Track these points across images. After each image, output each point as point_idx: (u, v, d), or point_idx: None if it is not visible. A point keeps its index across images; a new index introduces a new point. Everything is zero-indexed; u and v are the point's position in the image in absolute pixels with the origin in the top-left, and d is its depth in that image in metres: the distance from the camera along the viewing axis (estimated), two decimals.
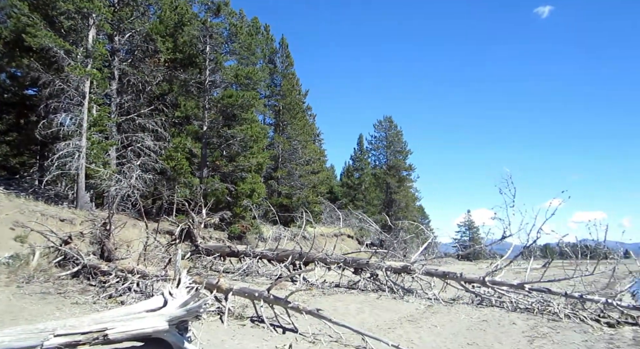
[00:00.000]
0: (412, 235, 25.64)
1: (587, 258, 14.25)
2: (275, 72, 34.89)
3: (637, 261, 14.84)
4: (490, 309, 12.56)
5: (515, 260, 16.31)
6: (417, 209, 53.89)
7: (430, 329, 9.00)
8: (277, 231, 20.84)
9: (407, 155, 48.50)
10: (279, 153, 33.24)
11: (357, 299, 11.86)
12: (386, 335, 7.82)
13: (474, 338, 8.55)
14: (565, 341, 9.17)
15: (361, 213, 25.47)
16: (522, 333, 9.57)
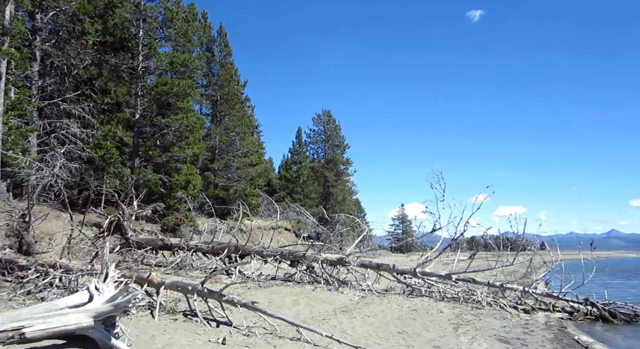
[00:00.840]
0: (349, 228, 26.12)
1: (508, 250, 15.29)
2: (213, 61, 33.96)
3: (550, 252, 16.11)
4: (420, 299, 13.13)
5: (444, 252, 17.12)
6: (354, 203, 54.96)
7: (363, 319, 9.24)
8: (213, 224, 20.39)
9: (345, 150, 49.27)
10: (216, 145, 32.49)
11: (293, 292, 11.93)
12: (320, 326, 7.94)
13: (404, 326, 8.90)
14: (486, 327, 9.78)
15: (299, 206, 25.55)
16: (448, 321, 10.10)
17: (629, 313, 12.66)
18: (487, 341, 8.30)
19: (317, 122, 49.36)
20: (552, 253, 16.04)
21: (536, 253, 16.67)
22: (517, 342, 8.54)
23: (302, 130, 49.72)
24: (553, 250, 15.98)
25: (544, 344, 8.61)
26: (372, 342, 7.25)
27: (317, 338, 6.77)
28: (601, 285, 15.63)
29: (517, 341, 8.66)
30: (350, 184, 50.25)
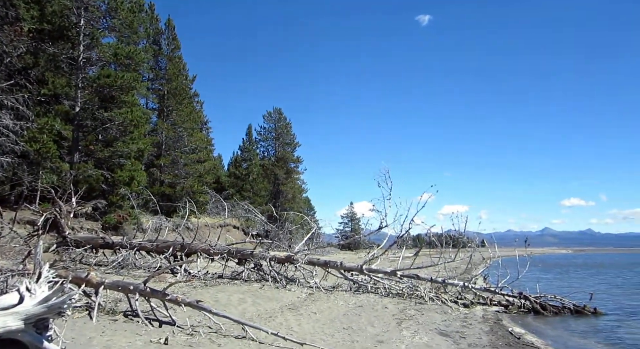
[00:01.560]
0: (298, 225, 26.19)
1: (450, 247, 15.91)
2: (160, 55, 32.92)
3: (489, 249, 16.93)
4: (366, 296, 13.39)
5: (390, 249, 17.55)
6: (304, 201, 55.14)
7: (309, 316, 9.32)
8: (158, 222, 19.79)
9: (296, 148, 49.33)
10: (163, 140, 31.55)
11: (239, 290, 11.82)
12: (267, 324, 7.93)
13: (349, 322, 9.05)
14: (428, 321, 10.14)
15: (248, 203, 25.28)
16: (392, 316, 10.38)
17: (558, 305, 13.53)
18: (428, 334, 8.61)
19: (268, 119, 49.11)
20: (491, 249, 16.85)
21: (476, 250, 17.45)
22: (456, 335, 8.90)
23: (253, 127, 49.30)
24: (492, 247, 16.77)
25: (481, 336, 9.03)
26: (318, 338, 7.33)
27: (263, 336, 6.76)
28: (534, 279, 16.63)
29: (456, 334, 9.04)
30: (300, 182, 50.41)
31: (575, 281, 27.08)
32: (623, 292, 20.42)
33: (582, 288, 20.25)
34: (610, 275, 33.28)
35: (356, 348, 6.95)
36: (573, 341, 9.89)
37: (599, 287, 22.11)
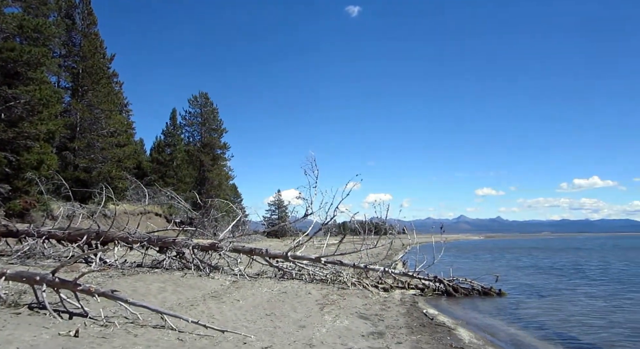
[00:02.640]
0: (224, 213, 25.73)
1: (372, 234, 16.46)
2: (74, 30, 30.48)
3: (408, 236, 17.76)
4: (290, 282, 13.54)
5: (316, 236, 17.81)
6: (230, 188, 54.25)
7: (232, 303, 9.25)
8: (71, 208, 18.52)
9: (223, 134, 48.16)
10: (77, 122, 29.41)
11: (160, 279, 11.44)
12: (187, 312, 7.76)
13: (272, 308, 9.11)
14: (349, 305, 10.47)
15: (171, 190, 24.37)
16: (315, 302, 10.59)
17: (468, 287, 14.55)
18: (349, 318, 8.90)
19: (194, 104, 47.39)
20: (410, 236, 17.69)
21: (397, 237, 18.23)
22: (375, 318, 9.28)
23: (177, 112, 47.40)
24: (411, 234, 17.60)
25: (398, 318, 9.50)
26: (240, 325, 7.31)
27: (183, 324, 6.61)
28: (449, 263, 17.62)
29: (375, 316, 9.42)
30: (227, 169, 49.40)
31: (483, 264, 29.27)
32: (524, 274, 22.41)
33: (490, 270, 21.97)
34: (514, 258, 36.36)
35: (278, 333, 7.02)
36: (479, 320, 10.71)
37: (504, 270, 24.08)
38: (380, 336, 7.62)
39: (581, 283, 18.37)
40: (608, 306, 12.77)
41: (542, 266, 28.17)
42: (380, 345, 6.92)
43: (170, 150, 45.59)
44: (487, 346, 7.81)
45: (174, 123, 47.21)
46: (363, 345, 6.80)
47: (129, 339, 5.80)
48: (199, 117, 47.43)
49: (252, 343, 6.18)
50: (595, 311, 12.00)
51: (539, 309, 12.21)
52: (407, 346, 7.05)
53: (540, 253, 44.31)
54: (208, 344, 5.87)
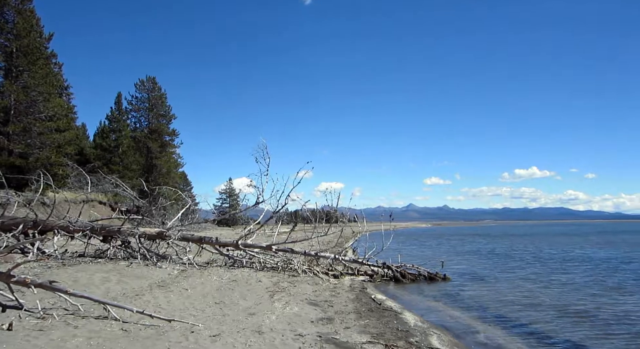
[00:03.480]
0: (172, 201, 25.06)
1: (324, 222, 16.61)
2: (7, 6, 28.29)
3: (358, 224, 18.08)
4: (241, 270, 13.44)
5: (267, 224, 17.77)
6: (180, 175, 52.79)
7: (180, 292, 9.08)
8: (5, 196, 17.42)
9: (171, 120, 46.53)
10: (12, 105, 27.47)
11: (103, 269, 11.02)
12: (132, 302, 7.54)
13: (222, 297, 9.02)
14: (299, 292, 10.55)
15: (116, 177, 23.38)
16: (265, 289, 10.58)
17: (415, 273, 15.05)
18: (299, 305, 8.97)
19: (141, 88, 45.40)
20: (360, 224, 18.03)
21: (347, 225, 18.51)
22: (324, 304, 9.41)
23: (123, 96, 45.37)
24: (362, 222, 17.93)
25: (347, 304, 9.68)
26: (188, 314, 7.19)
27: (128, 315, 6.42)
28: (397, 250, 18.21)
29: (325, 303, 9.56)
30: (176, 156, 47.94)
31: (430, 251, 30.32)
32: (467, 259, 23.42)
33: (436, 257, 22.82)
34: (458, 244, 37.87)
35: (227, 321, 6.97)
36: (424, 304, 11.11)
37: (449, 256, 25.05)
38: (329, 321, 7.74)
39: (516, 267, 19.46)
40: (539, 287, 13.60)
41: (484, 252, 29.54)
42: (329, 330, 7.03)
43: (116, 136, 43.68)
44: (432, 328, 8.12)
45: (119, 108, 45.19)
46: (312, 331, 6.88)
47: (68, 331, 5.57)
48: (146, 102, 45.52)
49: (200, 331, 6.10)
50: (528, 291, 12.74)
51: (480, 292, 12.83)
52: (354, 330, 7.20)
53: (482, 240, 46.41)
54: (154, 334, 5.74)
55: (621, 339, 7.85)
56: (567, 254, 26.88)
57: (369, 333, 7.13)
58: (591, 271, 17.69)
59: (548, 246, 35.51)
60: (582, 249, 31.41)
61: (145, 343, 5.32)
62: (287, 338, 6.31)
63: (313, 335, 6.59)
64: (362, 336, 6.86)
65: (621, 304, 10.99)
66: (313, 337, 6.47)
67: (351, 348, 6.12)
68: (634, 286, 13.87)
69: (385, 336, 6.98)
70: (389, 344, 6.43)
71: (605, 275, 16.74)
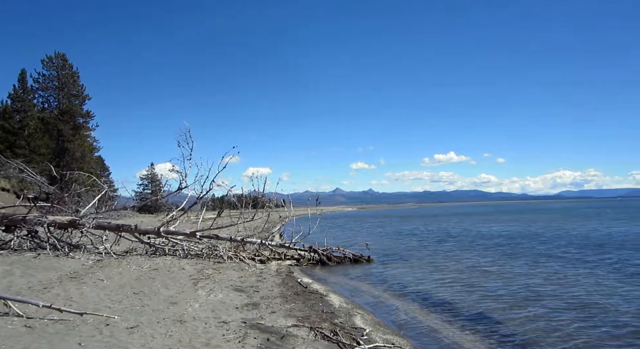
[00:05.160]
0: (88, 188, 23.44)
1: (250, 207, 16.39)
2: None
3: (285, 208, 18.08)
4: (163, 259, 12.93)
5: (192, 211, 17.21)
6: (96, 160, 49.56)
7: (95, 283, 8.53)
8: None
9: (85, 101, 43.21)
10: None
11: (6, 262, 10.07)
12: (39, 296, 6.95)
13: (141, 287, 8.61)
14: (225, 279, 10.35)
15: (20, 162, 21.38)
16: (189, 277, 10.26)
17: (341, 255, 15.37)
18: (224, 291, 8.79)
19: (49, 65, 41.50)
20: (287, 209, 18.05)
21: (275, 210, 18.43)
22: (250, 290, 9.31)
23: (28, 73, 41.37)
24: (289, 207, 17.95)
25: (273, 288, 9.66)
26: (103, 306, 6.76)
27: (33, 310, 5.91)
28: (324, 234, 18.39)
29: (251, 288, 9.46)
30: (91, 140, 44.80)
31: (356, 233, 31.18)
32: (389, 240, 24.38)
33: (361, 239, 23.49)
34: (382, 226, 39.35)
35: (146, 311, 6.65)
36: (349, 285, 11.40)
37: (373, 238, 25.93)
38: (254, 307, 7.67)
39: (434, 246, 20.59)
40: (454, 264, 14.47)
41: (405, 233, 30.92)
42: (254, 316, 6.97)
43: (20, 116, 39.94)
44: (356, 309, 8.33)
45: (24, 87, 41.25)
46: (237, 317, 6.78)
47: None
48: (55, 80, 41.76)
49: (115, 324, 5.76)
50: (444, 268, 13.51)
51: (401, 271, 13.39)
52: (280, 315, 7.20)
53: (404, 222, 48.54)
54: (63, 330, 5.33)
55: (509, 301, 8.56)
56: (478, 231, 28.91)
57: (294, 316, 7.16)
58: (496, 247, 19.13)
59: (462, 225, 37.94)
60: (491, 226, 33.91)
61: (52, 339, 4.93)
62: (210, 325, 6.15)
63: (238, 321, 6.49)
64: (287, 320, 6.87)
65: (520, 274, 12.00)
66: (237, 323, 6.38)
67: (276, 332, 6.10)
68: (527, 255, 15.19)
69: (310, 319, 7.05)
70: (314, 326, 6.50)
71: (508, 248, 18.20)
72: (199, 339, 5.46)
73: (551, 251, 17.98)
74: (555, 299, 9.39)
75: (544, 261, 14.96)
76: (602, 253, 16.93)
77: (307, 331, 6.26)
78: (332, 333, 6.22)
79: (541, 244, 21.00)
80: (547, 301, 9.22)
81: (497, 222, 43.35)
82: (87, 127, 43.58)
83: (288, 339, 5.82)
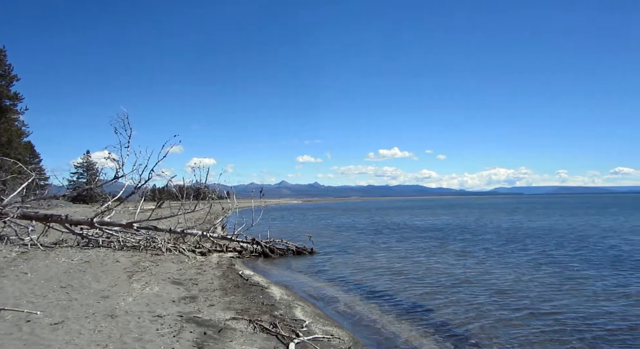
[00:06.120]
0: (15, 175, 21.82)
1: (192, 199, 15.94)
2: None
3: (228, 200, 17.75)
4: (96, 251, 12.30)
5: (130, 201, 16.49)
6: (24, 146, 46.23)
7: (17, 277, 7.95)
8: None
9: (13, 82, 40.07)
10: None
11: None
12: None
13: (70, 280, 8.12)
14: (162, 271, 9.99)
15: None
16: (124, 270, 9.81)
17: (284, 248, 15.32)
18: (160, 284, 8.48)
19: None
20: (231, 200, 17.72)
21: (218, 201, 18.03)
22: (189, 282, 9.05)
23: None
24: (233, 198, 17.64)
25: (213, 281, 9.44)
26: (25, 301, 6.30)
27: None
28: (267, 226, 18.32)
29: (190, 281, 9.19)
30: (19, 124, 41.70)
31: (299, 226, 31.23)
32: (333, 233, 24.62)
33: (304, 231, 23.53)
34: (327, 219, 39.68)
35: (74, 306, 6.26)
36: (291, 277, 11.37)
37: (317, 230, 26.09)
38: (192, 300, 7.45)
39: (375, 238, 21.03)
40: (393, 256, 14.85)
41: (348, 225, 31.37)
42: (192, 309, 6.76)
43: None
44: (296, 301, 8.31)
45: None
46: (173, 311, 6.54)
47: None
48: None
49: (38, 320, 5.38)
50: (384, 260, 13.82)
51: (343, 263, 13.54)
52: (219, 308, 7.04)
53: (347, 215, 49.25)
54: None
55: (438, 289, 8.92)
56: (414, 224, 29.89)
57: (233, 309, 7.02)
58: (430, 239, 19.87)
59: (401, 218, 39.06)
60: (427, 220, 35.16)
61: None
62: (144, 320, 5.89)
63: (174, 315, 6.27)
64: (226, 312, 6.73)
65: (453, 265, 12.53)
66: (173, 317, 6.16)
67: (214, 325, 5.95)
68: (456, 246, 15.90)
69: (250, 312, 6.94)
70: (253, 319, 6.41)
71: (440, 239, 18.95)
72: (130, 335, 5.21)
73: (478, 242, 19.11)
74: (477, 285, 10.12)
75: (471, 251, 15.98)
76: (523, 244, 18.22)
77: (246, 324, 6.16)
78: (272, 325, 6.16)
79: (470, 235, 22.27)
80: (471, 287, 9.90)
81: (434, 216, 45.02)
82: (14, 110, 40.51)
83: (226, 332, 5.69)
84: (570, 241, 18.85)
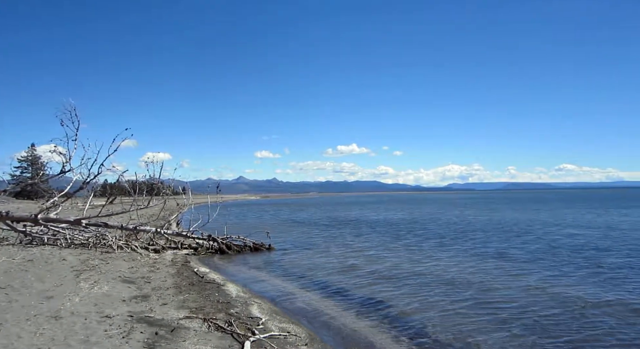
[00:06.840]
0: None
1: (144, 194, 15.44)
2: None
3: (184, 196, 17.33)
4: (41, 248, 11.71)
5: (78, 197, 15.78)
6: None
7: None
8: None
9: None
10: None
11: None
12: None
13: (10, 280, 7.66)
14: (112, 270, 9.62)
15: None
16: (71, 268, 9.37)
17: (241, 244, 15.11)
18: (110, 283, 8.15)
19: None
20: (186, 196, 17.31)
21: (173, 197, 17.56)
22: (141, 281, 8.75)
23: None
24: (188, 194, 17.22)
25: (166, 279, 9.17)
26: None
27: None
28: (224, 222, 17.96)
29: (142, 279, 8.89)
30: None
31: (257, 222, 30.94)
32: (289, 229, 24.57)
33: (262, 227, 23.35)
34: (284, 215, 39.55)
35: (14, 308, 5.90)
36: (248, 274, 11.22)
37: (275, 226, 25.95)
38: (144, 299, 7.20)
39: (332, 234, 21.16)
40: (349, 251, 14.99)
41: (306, 221, 31.39)
42: (143, 308, 6.53)
43: None
44: (253, 298, 8.20)
45: None
46: (123, 310, 6.29)
47: None
48: None
49: None
50: (340, 255, 13.91)
51: (300, 259, 13.52)
52: (172, 306, 6.84)
53: (306, 211, 49.31)
54: None
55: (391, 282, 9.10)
56: (369, 218, 30.35)
57: (187, 307, 6.84)
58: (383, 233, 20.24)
59: (357, 213, 39.56)
60: (382, 214, 35.79)
61: None
62: (91, 321, 5.63)
63: (123, 315, 6.03)
64: (180, 311, 6.54)
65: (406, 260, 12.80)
66: (123, 317, 5.92)
67: (166, 325, 5.77)
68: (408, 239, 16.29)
69: (205, 310, 6.78)
70: (208, 317, 6.26)
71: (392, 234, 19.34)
72: (76, 337, 4.97)
73: (430, 236, 19.78)
74: (429, 276, 10.61)
75: (423, 245, 16.56)
76: (472, 237, 19.04)
77: (201, 323, 6.01)
78: (227, 323, 6.04)
79: (423, 230, 22.99)
80: (422, 278, 10.35)
81: (389, 211, 45.87)
82: None
83: (179, 332, 5.53)
84: (515, 235, 19.76)
